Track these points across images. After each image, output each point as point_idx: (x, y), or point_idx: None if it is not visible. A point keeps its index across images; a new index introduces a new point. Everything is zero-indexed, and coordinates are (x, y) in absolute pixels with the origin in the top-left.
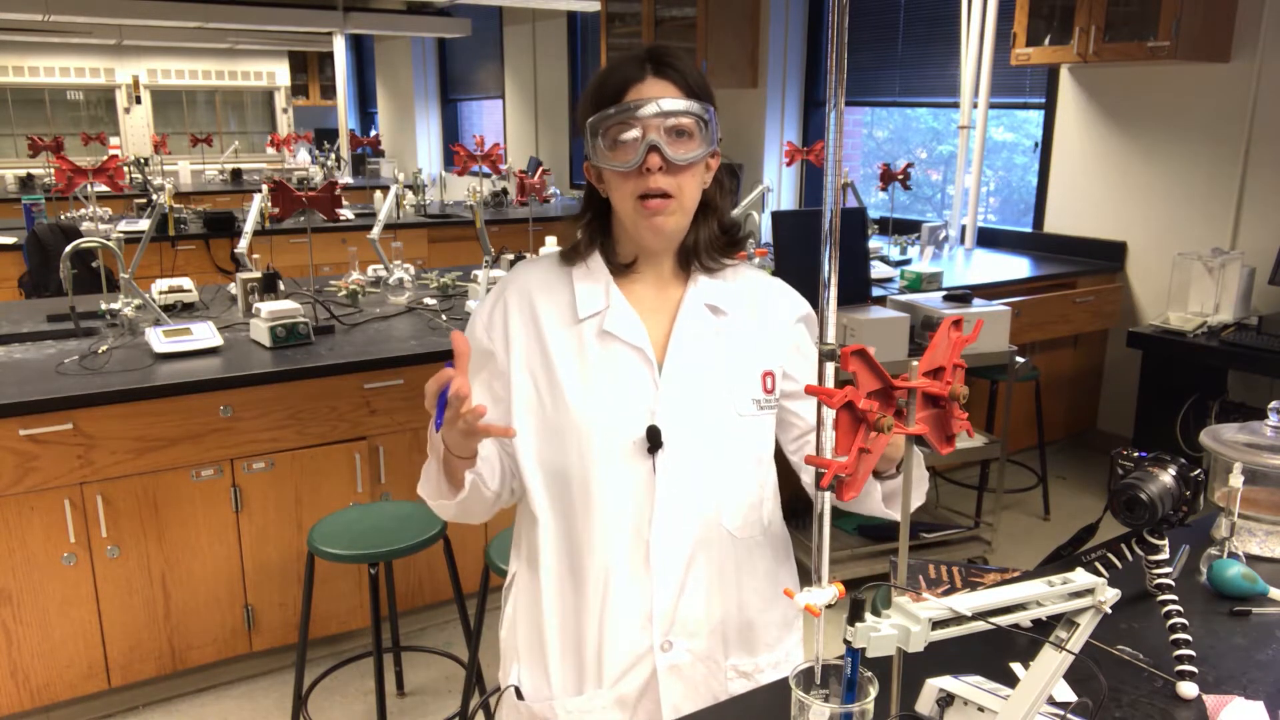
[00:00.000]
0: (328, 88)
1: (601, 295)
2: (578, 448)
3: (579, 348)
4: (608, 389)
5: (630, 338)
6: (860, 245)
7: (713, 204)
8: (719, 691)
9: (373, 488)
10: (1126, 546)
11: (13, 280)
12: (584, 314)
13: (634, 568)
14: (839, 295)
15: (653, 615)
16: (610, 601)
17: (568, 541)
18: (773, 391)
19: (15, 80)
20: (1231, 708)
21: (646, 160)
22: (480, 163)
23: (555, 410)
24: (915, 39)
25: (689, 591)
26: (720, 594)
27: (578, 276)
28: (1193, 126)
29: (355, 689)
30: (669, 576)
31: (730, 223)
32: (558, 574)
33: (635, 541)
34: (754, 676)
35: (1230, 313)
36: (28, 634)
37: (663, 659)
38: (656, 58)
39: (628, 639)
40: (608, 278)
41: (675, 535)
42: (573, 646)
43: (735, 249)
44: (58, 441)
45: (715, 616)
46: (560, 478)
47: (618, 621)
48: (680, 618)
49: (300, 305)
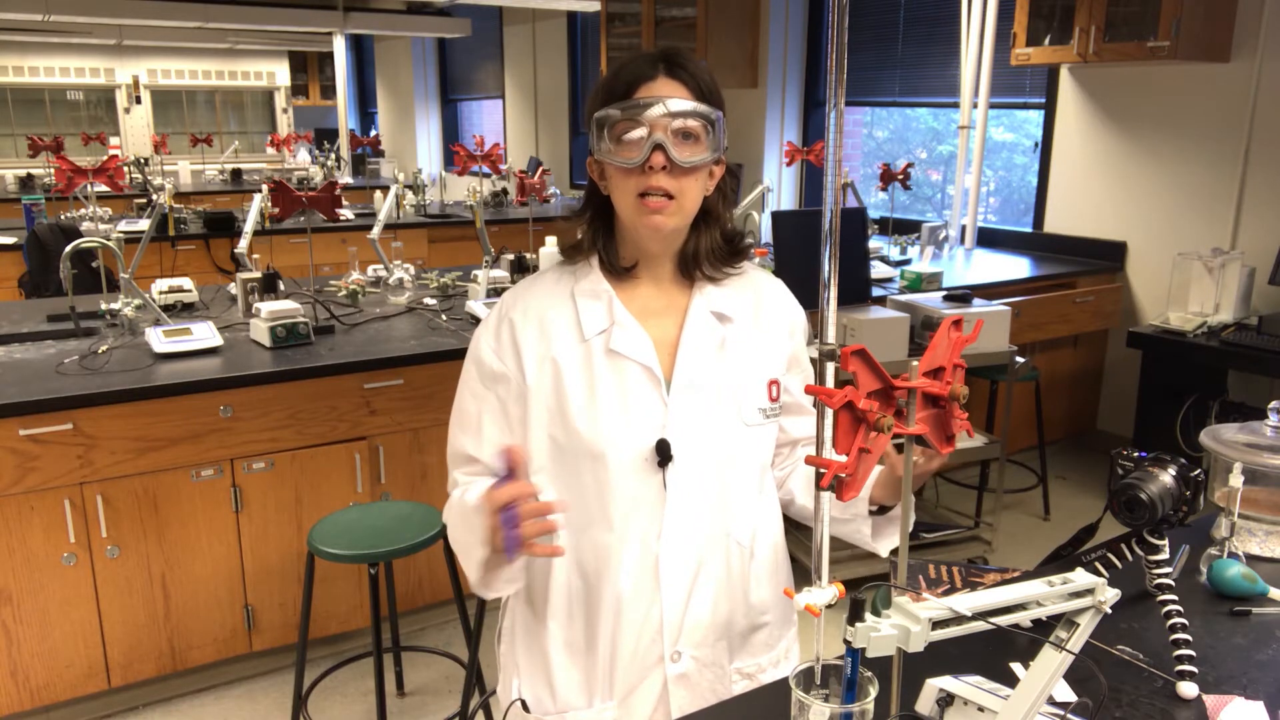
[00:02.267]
0: (328, 88)
1: (604, 313)
2: (589, 464)
3: (588, 365)
4: (617, 406)
5: (638, 355)
6: (860, 245)
7: (714, 212)
8: (723, 694)
9: (373, 488)
10: (1126, 546)
11: (13, 280)
12: (589, 333)
13: (642, 580)
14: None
15: (662, 627)
16: (619, 615)
17: (576, 555)
18: (777, 400)
19: (15, 80)
20: (1231, 708)
21: (650, 158)
22: (480, 163)
23: (565, 427)
24: (915, 39)
25: (696, 601)
26: (725, 601)
27: (579, 293)
28: (1193, 126)
29: (355, 689)
30: (677, 588)
31: (732, 232)
32: (566, 587)
33: (644, 554)
34: (756, 677)
35: (1230, 313)
36: (28, 634)
37: (672, 669)
38: (670, 58)
39: (637, 651)
40: (609, 293)
41: (683, 547)
42: (581, 659)
43: (737, 259)
44: (58, 441)
45: (721, 623)
46: (571, 493)
47: (626, 634)
48: (688, 627)
49: (300, 305)
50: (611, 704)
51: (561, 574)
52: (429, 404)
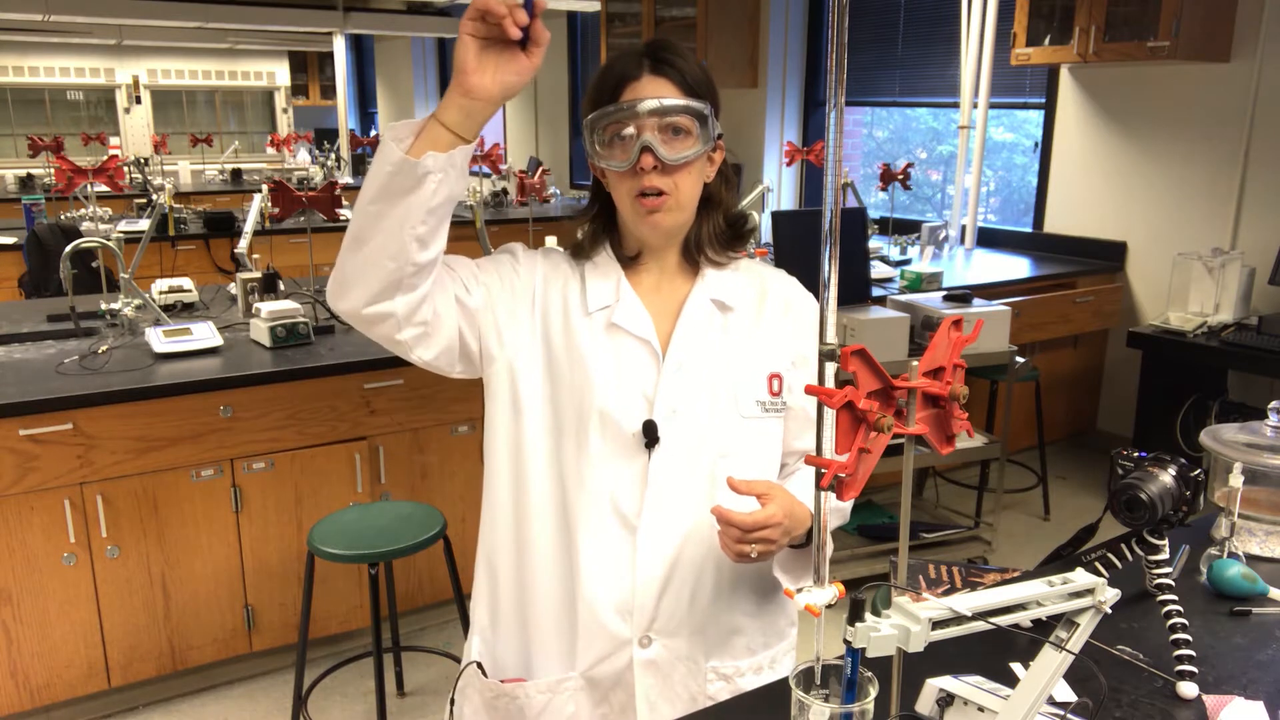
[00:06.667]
0: (328, 88)
1: (611, 289)
2: (574, 432)
3: (589, 339)
4: (611, 378)
5: (637, 330)
6: (860, 245)
7: (716, 197)
8: (697, 692)
9: (373, 488)
10: (1126, 546)
11: (13, 280)
12: (594, 307)
13: (619, 559)
14: (839, 295)
15: (633, 609)
16: (591, 589)
17: (555, 520)
18: (779, 395)
19: (15, 80)
20: (1231, 708)
21: (640, 160)
22: (480, 163)
23: (558, 392)
24: (915, 39)
25: (673, 589)
26: (706, 595)
27: (589, 270)
28: (1193, 126)
29: (355, 689)
30: (653, 572)
31: (735, 215)
32: (541, 555)
33: (623, 533)
34: (734, 680)
35: (1230, 313)
36: (27, 634)
37: (640, 654)
38: (655, 54)
39: (605, 628)
40: (618, 271)
41: (663, 532)
42: (549, 626)
43: (741, 242)
44: (58, 441)
45: (698, 618)
46: (555, 458)
47: (597, 609)
48: (662, 615)
49: (300, 305)
50: (574, 674)
51: (539, 538)
52: (429, 404)
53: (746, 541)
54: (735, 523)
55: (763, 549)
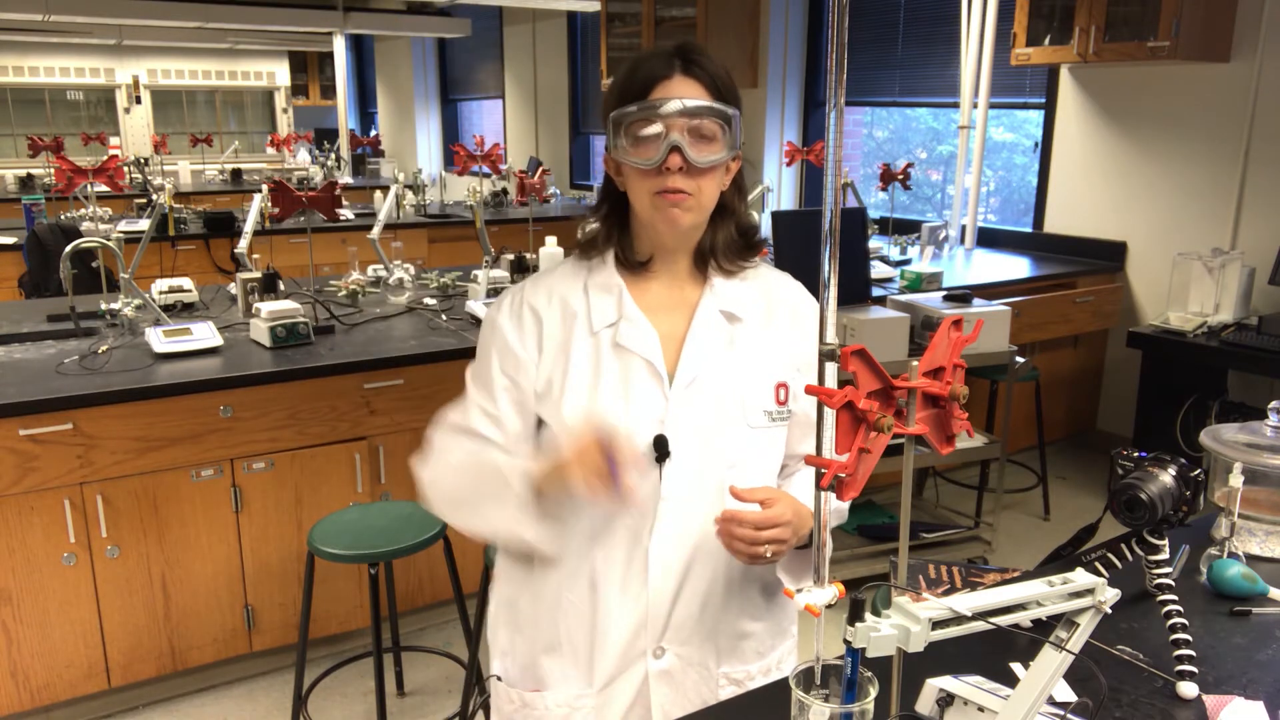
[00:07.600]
0: (328, 88)
1: (614, 307)
2: None
3: (595, 358)
4: (618, 398)
5: (642, 350)
6: (860, 245)
7: (730, 206)
8: (709, 698)
9: (373, 488)
10: (1126, 546)
11: (13, 280)
12: (598, 326)
13: (631, 574)
14: (839, 295)
15: (647, 621)
16: (606, 605)
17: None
18: (785, 403)
19: (15, 80)
20: (1231, 708)
21: (667, 160)
22: (480, 163)
23: (567, 416)
24: (915, 39)
25: (684, 600)
26: (716, 603)
27: (591, 287)
28: (1193, 126)
29: (355, 689)
30: (665, 584)
31: (747, 225)
32: (555, 572)
33: (634, 548)
34: (744, 684)
35: (1230, 313)
36: (28, 634)
37: (654, 665)
38: (686, 55)
39: (620, 643)
40: (620, 287)
41: (675, 544)
42: (564, 644)
43: (752, 253)
44: (58, 441)
45: (709, 625)
46: None
47: (611, 625)
48: (674, 625)
49: (300, 305)
50: (590, 691)
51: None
52: (429, 404)
53: (760, 542)
54: (748, 522)
55: (776, 549)
